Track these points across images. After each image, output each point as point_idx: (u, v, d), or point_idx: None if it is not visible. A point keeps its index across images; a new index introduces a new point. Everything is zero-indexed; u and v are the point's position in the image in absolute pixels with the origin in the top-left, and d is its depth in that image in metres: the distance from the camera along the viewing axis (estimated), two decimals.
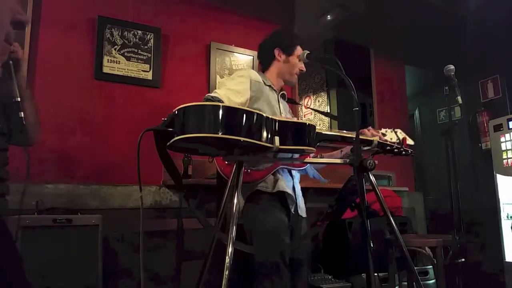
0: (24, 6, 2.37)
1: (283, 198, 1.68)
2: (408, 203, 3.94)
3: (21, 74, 1.21)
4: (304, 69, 1.88)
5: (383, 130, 1.71)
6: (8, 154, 1.25)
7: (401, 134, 1.71)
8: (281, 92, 1.90)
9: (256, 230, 1.61)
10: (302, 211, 1.77)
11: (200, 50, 3.11)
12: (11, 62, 1.16)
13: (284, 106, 1.89)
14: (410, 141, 1.75)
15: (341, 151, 1.78)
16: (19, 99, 1.16)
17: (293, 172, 1.78)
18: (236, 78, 1.74)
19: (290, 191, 1.69)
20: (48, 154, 2.40)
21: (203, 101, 1.55)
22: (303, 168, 1.77)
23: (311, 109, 2.22)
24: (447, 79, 1.91)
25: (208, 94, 1.62)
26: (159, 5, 2.97)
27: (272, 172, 1.65)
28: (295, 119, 1.84)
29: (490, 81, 4.32)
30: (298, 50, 1.85)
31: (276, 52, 1.85)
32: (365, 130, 1.66)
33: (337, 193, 1.52)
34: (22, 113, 1.15)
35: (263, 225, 1.60)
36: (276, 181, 1.66)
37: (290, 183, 1.73)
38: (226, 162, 1.63)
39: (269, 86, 1.82)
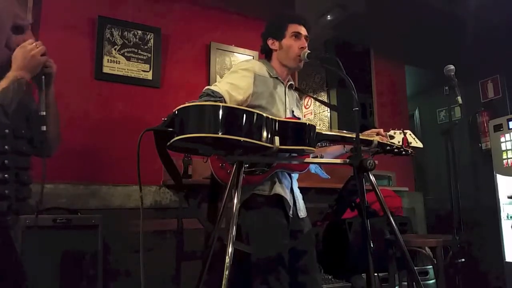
0: (24, 6, 2.36)
1: (281, 202, 1.63)
2: (408, 203, 3.93)
3: (51, 89, 1.25)
4: (305, 45, 1.70)
5: (391, 132, 1.65)
6: (31, 159, 1.29)
7: (410, 136, 1.68)
8: (289, 83, 1.80)
9: (254, 234, 1.57)
10: (302, 212, 1.72)
11: (200, 50, 3.11)
12: (43, 76, 1.20)
13: (291, 98, 1.80)
14: (419, 144, 1.72)
15: (344, 146, 1.71)
16: (44, 113, 1.18)
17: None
18: (239, 71, 1.63)
19: (287, 195, 1.64)
20: None
21: (203, 94, 1.52)
22: (303, 171, 1.75)
23: (316, 99, 2.19)
24: (447, 79, 1.91)
25: (208, 87, 1.56)
26: (159, 5, 2.97)
27: (269, 176, 1.60)
28: (298, 119, 1.83)
29: (490, 81, 4.32)
30: (290, 28, 1.71)
31: (270, 42, 1.75)
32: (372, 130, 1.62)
33: (337, 193, 1.52)
34: (44, 127, 1.18)
35: (260, 228, 1.56)
36: (273, 184, 1.61)
37: (289, 184, 1.68)
38: (220, 165, 1.60)
39: (276, 78, 1.72)
